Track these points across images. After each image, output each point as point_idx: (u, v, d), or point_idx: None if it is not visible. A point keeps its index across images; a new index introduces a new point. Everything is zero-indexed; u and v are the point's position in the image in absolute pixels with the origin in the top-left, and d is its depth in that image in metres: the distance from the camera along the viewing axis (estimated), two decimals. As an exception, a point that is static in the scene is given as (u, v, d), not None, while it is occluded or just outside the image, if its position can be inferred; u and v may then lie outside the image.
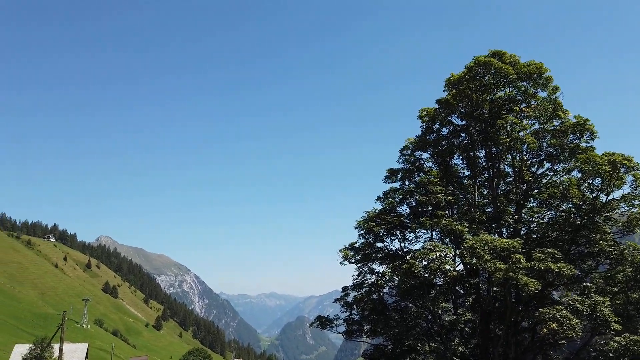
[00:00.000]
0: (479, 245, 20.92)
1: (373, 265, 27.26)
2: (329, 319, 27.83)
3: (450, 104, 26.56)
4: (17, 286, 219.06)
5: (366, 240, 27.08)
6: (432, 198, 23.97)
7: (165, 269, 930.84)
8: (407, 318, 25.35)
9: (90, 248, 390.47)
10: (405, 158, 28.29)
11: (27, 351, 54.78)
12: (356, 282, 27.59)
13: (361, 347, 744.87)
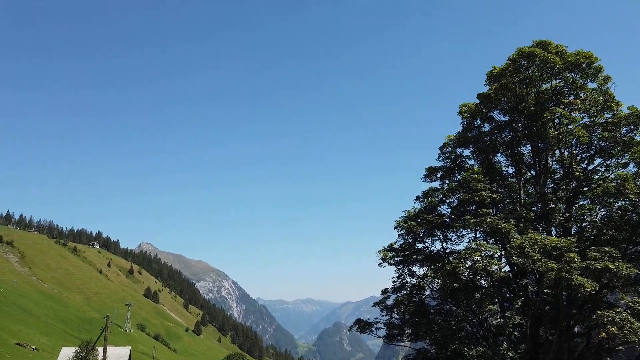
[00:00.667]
0: (528, 244, 19.79)
1: (413, 267, 26.37)
2: (369, 323, 27.07)
3: (492, 99, 25.42)
4: (64, 291, 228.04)
5: (406, 241, 26.22)
6: (476, 196, 22.89)
7: (203, 274, 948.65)
8: (452, 321, 24.30)
9: (132, 254, 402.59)
10: (445, 156, 27.27)
11: (73, 354, 56.43)
12: (396, 285, 26.73)
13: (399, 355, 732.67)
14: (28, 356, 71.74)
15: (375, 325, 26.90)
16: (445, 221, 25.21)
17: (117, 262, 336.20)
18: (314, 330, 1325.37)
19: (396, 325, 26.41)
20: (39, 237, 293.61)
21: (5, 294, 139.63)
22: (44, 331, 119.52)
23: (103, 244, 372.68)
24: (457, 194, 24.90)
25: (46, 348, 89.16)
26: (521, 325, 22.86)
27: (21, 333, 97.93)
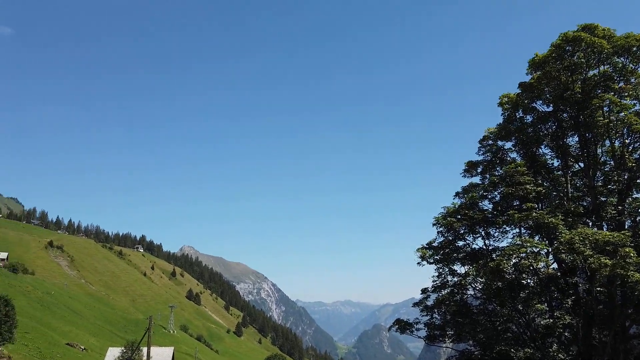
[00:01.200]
0: (578, 240, 18.62)
1: (454, 266, 25.41)
2: (409, 323, 26.24)
3: (535, 88, 24.14)
4: (111, 294, 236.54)
5: (445, 238, 25.31)
6: (520, 189, 21.75)
7: (243, 276, 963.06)
8: (496, 322, 23.20)
9: (175, 257, 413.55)
10: (486, 149, 26.09)
11: (119, 354, 58.07)
12: (436, 284, 25.84)
13: (441, 358, 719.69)
14: (77, 356, 74.45)
15: (415, 325, 26.10)
16: (487, 217, 24.10)
17: (160, 265, 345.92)
18: (354, 332, 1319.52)
19: (437, 326, 25.54)
20: (87, 241, 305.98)
21: (56, 296, 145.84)
22: (92, 332, 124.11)
23: (147, 248, 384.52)
24: (499, 188, 23.75)
25: (95, 348, 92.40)
26: (572, 326, 21.57)
27: (71, 334, 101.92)
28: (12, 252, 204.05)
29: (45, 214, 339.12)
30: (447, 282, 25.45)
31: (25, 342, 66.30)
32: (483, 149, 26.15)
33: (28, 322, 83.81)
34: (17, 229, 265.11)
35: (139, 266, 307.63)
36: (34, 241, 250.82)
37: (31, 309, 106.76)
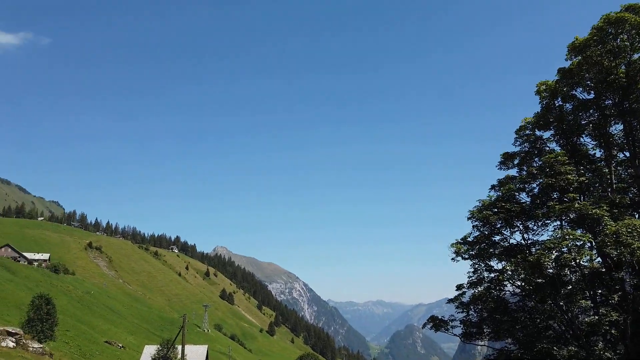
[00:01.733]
0: (625, 232, 17.50)
1: (490, 262, 24.40)
2: (444, 320, 25.39)
3: (575, 74, 22.86)
4: (148, 293, 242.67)
5: (481, 233, 24.28)
6: (561, 180, 20.58)
7: (275, 276, 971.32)
8: (537, 319, 22.10)
9: (208, 258, 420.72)
10: (523, 140, 24.87)
11: (155, 352, 59.17)
12: (471, 280, 24.86)
13: (476, 358, 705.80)
14: (115, 353, 76.45)
15: (450, 323, 25.21)
16: (525, 209, 22.94)
17: (195, 265, 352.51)
18: (386, 333, 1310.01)
19: (473, 323, 24.54)
20: (124, 242, 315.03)
21: (96, 295, 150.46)
22: (130, 330, 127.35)
23: (181, 248, 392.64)
24: (539, 179, 22.59)
25: (132, 346, 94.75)
26: (619, 323, 20.32)
27: (110, 332, 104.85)
28: (54, 253, 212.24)
29: (85, 216, 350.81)
30: (484, 278, 24.46)
31: (66, 339, 68.51)
32: (520, 139, 24.89)
33: (69, 321, 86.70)
34: (58, 230, 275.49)
35: (174, 266, 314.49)
36: (74, 242, 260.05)
37: (72, 308, 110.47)
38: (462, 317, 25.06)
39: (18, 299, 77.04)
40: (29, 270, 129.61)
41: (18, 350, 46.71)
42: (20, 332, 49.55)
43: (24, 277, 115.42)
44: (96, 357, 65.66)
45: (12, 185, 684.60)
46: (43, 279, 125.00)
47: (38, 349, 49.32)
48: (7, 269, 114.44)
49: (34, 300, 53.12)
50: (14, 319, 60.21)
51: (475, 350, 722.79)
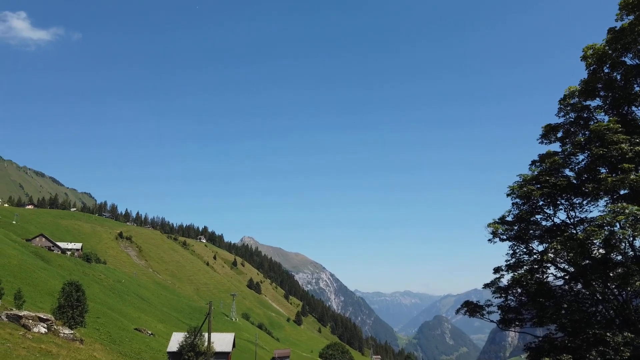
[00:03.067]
0: None
1: (530, 244, 22.47)
2: (479, 306, 23.56)
3: (627, 34, 20.37)
4: (177, 282, 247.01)
5: (521, 211, 22.39)
6: (613, 149, 18.51)
7: (302, 267, 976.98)
8: (586, 303, 20.20)
9: (236, 248, 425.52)
10: (567, 110, 22.51)
11: (182, 339, 59.32)
12: (510, 263, 23.03)
13: (506, 350, 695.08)
14: (145, 340, 77.38)
15: (487, 308, 23.43)
16: (573, 183, 20.85)
17: (222, 255, 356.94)
18: (414, 323, 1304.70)
19: (512, 309, 22.74)
20: (153, 232, 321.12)
21: (126, 284, 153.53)
22: (160, 318, 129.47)
23: (209, 238, 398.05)
24: (590, 149, 20.34)
25: (162, 334, 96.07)
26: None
27: (140, 320, 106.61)
28: (86, 242, 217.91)
29: (115, 207, 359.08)
30: (524, 261, 22.58)
31: (97, 326, 69.59)
32: (563, 110, 22.60)
33: (100, 308, 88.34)
34: (90, 221, 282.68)
35: (202, 256, 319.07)
36: (105, 232, 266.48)
37: (103, 296, 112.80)
38: (500, 303, 23.25)
39: (51, 287, 78.69)
40: (62, 259, 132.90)
41: (49, 335, 47.29)
42: (51, 318, 50.21)
43: (58, 265, 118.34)
44: (126, 344, 66.40)
45: (46, 178, 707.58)
46: (76, 267, 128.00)
47: (69, 334, 49.88)
48: (41, 258, 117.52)
49: (64, 287, 53.75)
50: (46, 305, 61.30)
51: (505, 342, 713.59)
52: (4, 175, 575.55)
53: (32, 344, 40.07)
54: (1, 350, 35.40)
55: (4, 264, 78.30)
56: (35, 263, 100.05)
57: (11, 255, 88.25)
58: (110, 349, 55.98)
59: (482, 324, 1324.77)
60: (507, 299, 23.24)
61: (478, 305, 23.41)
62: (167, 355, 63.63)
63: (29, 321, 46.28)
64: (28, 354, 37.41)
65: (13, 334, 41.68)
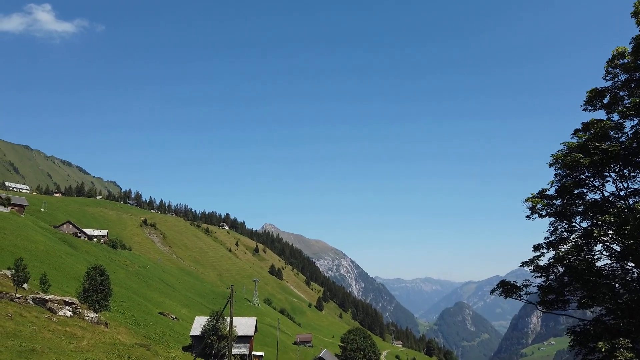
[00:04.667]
0: None
1: (573, 221, 20.71)
2: (516, 286, 21.92)
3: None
4: (200, 268, 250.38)
5: (564, 182, 20.46)
6: None
7: (323, 253, 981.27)
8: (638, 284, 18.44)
9: (257, 234, 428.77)
10: (616, 72, 20.28)
11: (205, 323, 59.35)
12: (552, 240, 21.29)
13: (529, 337, 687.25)
14: (169, 324, 78.16)
15: (524, 289, 21.76)
16: (631, 147, 18.55)
17: (244, 242, 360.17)
18: (435, 310, 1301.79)
19: (554, 289, 21.05)
20: (177, 219, 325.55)
21: (151, 270, 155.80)
22: (184, 303, 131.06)
23: (231, 225, 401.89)
24: None
25: (185, 318, 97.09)
26: None
27: (165, 304, 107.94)
28: (111, 229, 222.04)
29: (140, 195, 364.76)
30: (566, 239, 20.88)
31: (121, 310, 70.36)
32: (611, 72, 20.44)
33: (125, 293, 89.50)
34: (115, 208, 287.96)
35: (224, 242, 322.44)
36: (130, 219, 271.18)
37: (129, 281, 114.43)
38: (541, 283, 21.61)
39: (77, 271, 79.81)
40: (89, 245, 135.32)
41: (75, 319, 47.63)
42: (76, 302, 50.61)
43: (84, 251, 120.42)
44: (150, 327, 66.96)
45: (73, 167, 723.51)
46: (102, 253, 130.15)
47: (94, 318, 50.21)
48: (68, 244, 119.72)
49: (88, 272, 54.14)
50: (73, 290, 62.00)
51: (527, 329, 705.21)
52: (33, 165, 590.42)
53: (57, 327, 40.32)
54: (27, 333, 35.57)
55: (31, 249, 79.72)
56: (62, 249, 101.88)
57: (38, 241, 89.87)
58: (135, 332, 56.35)
59: (504, 310, 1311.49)
60: (548, 278, 21.54)
61: (515, 286, 21.76)
62: (190, 339, 63.93)
63: (54, 305, 46.68)
64: (53, 336, 37.58)
65: (39, 317, 42.03)
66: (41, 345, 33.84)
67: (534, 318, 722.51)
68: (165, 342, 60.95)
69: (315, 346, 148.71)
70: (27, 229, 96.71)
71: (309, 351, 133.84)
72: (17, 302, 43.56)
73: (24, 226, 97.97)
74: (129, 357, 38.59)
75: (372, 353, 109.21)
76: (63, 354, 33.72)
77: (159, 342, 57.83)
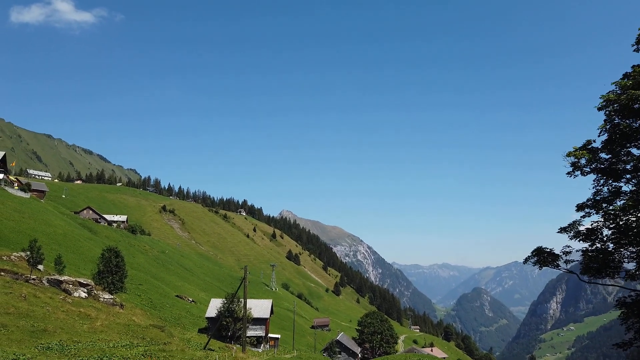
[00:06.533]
0: None
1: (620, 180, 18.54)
2: (554, 254, 19.73)
3: None
4: (218, 253, 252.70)
5: (615, 131, 17.82)
6: None
7: (339, 239, 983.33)
8: None
9: (274, 220, 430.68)
10: None
11: (220, 305, 59.19)
12: (597, 199, 19.05)
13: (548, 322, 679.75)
14: (185, 306, 78.59)
15: (564, 256, 19.47)
16: None
17: (262, 228, 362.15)
18: (452, 295, 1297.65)
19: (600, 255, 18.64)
20: (195, 206, 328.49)
21: (170, 254, 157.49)
22: (202, 287, 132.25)
23: (249, 211, 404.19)
24: None
25: (203, 301, 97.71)
26: None
27: (183, 288, 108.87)
28: (131, 215, 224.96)
29: (159, 182, 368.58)
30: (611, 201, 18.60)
31: (138, 292, 70.76)
32: None
33: (143, 277, 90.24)
34: (135, 195, 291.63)
35: (242, 228, 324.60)
36: (149, 206, 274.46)
37: (148, 265, 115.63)
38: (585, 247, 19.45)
39: (95, 255, 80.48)
40: (109, 230, 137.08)
41: (89, 300, 47.65)
42: (91, 283, 50.67)
43: (104, 236, 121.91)
44: (166, 309, 67.23)
45: (94, 155, 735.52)
46: (122, 238, 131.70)
47: (109, 299, 50.22)
48: (88, 229, 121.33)
49: (103, 253, 54.15)
50: (89, 272, 62.35)
51: (546, 314, 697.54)
52: (55, 153, 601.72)
53: (71, 308, 40.25)
54: (40, 313, 35.47)
55: (49, 233, 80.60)
56: (81, 233, 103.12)
57: (57, 225, 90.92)
58: (151, 314, 56.43)
59: (523, 296, 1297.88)
60: (593, 243, 19.17)
61: (552, 254, 19.52)
62: (206, 321, 63.99)
63: (69, 286, 46.75)
64: (67, 317, 37.46)
65: (53, 297, 42.04)
66: (54, 325, 33.68)
67: (553, 304, 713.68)
68: (181, 324, 61.08)
69: (333, 330, 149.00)
70: (46, 213, 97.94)
71: (327, 335, 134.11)
72: (32, 283, 43.68)
73: (44, 211, 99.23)
74: (142, 337, 38.31)
75: (389, 337, 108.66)
76: (75, 334, 33.50)
77: (175, 324, 57.92)
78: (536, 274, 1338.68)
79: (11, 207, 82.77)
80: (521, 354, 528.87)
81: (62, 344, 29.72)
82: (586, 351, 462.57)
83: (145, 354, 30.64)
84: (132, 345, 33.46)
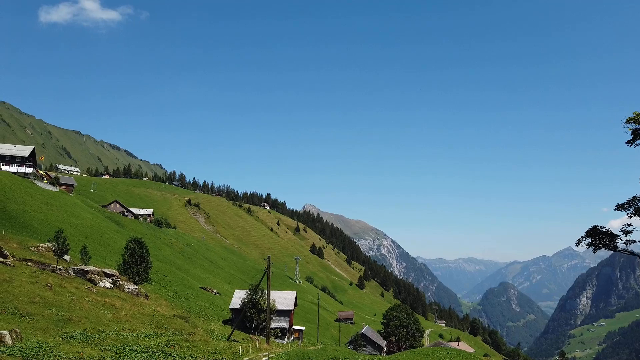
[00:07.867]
0: None
1: None
2: (611, 234, 18.07)
3: None
4: (242, 246, 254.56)
5: None
6: None
7: (363, 233, 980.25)
8: None
9: (298, 214, 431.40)
10: None
11: (244, 296, 58.89)
12: None
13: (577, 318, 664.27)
14: (209, 298, 78.82)
15: (625, 236, 17.64)
16: None
17: (285, 221, 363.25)
18: (478, 290, 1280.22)
19: None
20: (219, 199, 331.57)
21: (195, 247, 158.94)
22: (227, 279, 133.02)
23: (272, 205, 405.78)
24: None
25: (227, 293, 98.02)
26: None
27: (207, 280, 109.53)
28: (156, 209, 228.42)
29: (184, 176, 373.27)
30: None
31: (163, 284, 71.20)
32: None
33: (169, 269, 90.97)
34: (160, 189, 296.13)
35: (266, 222, 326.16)
36: (175, 200, 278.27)
37: (173, 258, 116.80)
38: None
39: (121, 247, 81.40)
40: (135, 223, 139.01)
41: (115, 290, 47.82)
42: (116, 273, 50.92)
43: (131, 229, 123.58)
44: (191, 300, 67.39)
45: (121, 151, 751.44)
46: (148, 231, 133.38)
47: (133, 290, 50.36)
48: (115, 222, 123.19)
49: (128, 244, 54.42)
50: (114, 263, 62.89)
51: (576, 309, 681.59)
52: (84, 149, 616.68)
53: (96, 298, 40.38)
54: (65, 303, 35.57)
55: (76, 225, 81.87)
56: (108, 226, 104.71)
57: (85, 218, 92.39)
58: (175, 305, 56.52)
59: (551, 291, 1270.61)
60: None
61: (609, 234, 17.95)
62: (230, 312, 63.84)
63: (94, 276, 47.04)
64: (92, 306, 37.53)
65: (79, 287, 42.28)
66: (78, 314, 33.67)
67: (583, 299, 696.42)
68: (206, 315, 61.04)
69: (357, 324, 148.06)
70: (74, 206, 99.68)
71: (351, 328, 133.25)
72: (58, 273, 44.02)
73: (72, 204, 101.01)
74: (166, 328, 38.11)
75: (415, 330, 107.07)
76: (100, 323, 33.42)
77: (199, 315, 57.88)
78: (565, 268, 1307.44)
79: (40, 200, 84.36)
80: (550, 349, 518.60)
81: (86, 333, 29.59)
82: (618, 347, 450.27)
83: (168, 343, 30.27)
84: (155, 335, 33.19)
